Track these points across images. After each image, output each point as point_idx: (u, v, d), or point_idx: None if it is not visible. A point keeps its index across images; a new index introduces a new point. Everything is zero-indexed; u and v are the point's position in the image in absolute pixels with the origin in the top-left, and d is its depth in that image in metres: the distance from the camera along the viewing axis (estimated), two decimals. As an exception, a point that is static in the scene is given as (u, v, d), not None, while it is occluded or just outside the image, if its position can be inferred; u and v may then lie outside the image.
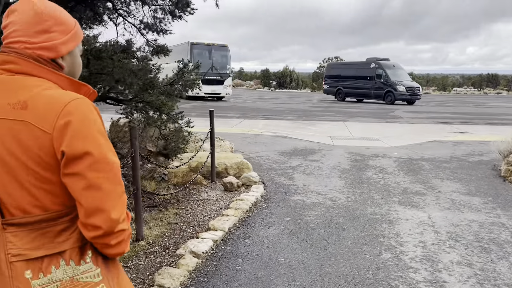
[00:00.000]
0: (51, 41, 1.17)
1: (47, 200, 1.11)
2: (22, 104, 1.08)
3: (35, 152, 1.07)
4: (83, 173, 1.08)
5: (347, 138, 11.17)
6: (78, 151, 1.07)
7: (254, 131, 11.94)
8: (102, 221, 1.10)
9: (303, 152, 8.69)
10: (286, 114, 17.98)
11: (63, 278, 1.10)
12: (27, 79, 1.12)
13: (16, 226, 1.09)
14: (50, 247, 1.10)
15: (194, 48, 25.26)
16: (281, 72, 59.56)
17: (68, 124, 1.07)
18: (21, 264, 1.07)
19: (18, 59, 1.13)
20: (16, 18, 1.15)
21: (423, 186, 6.06)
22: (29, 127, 1.07)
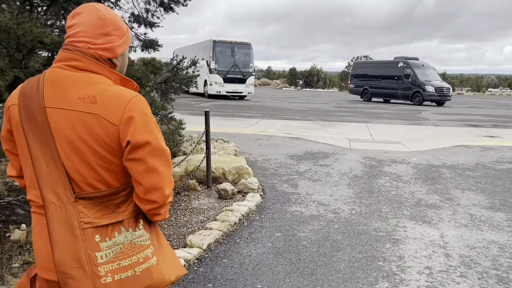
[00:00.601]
0: (111, 43, 1.37)
1: (109, 178, 1.33)
2: (91, 98, 1.28)
3: (103, 139, 1.28)
4: (144, 158, 1.30)
5: (366, 141, 10.55)
6: (141, 141, 1.29)
7: (269, 132, 11.47)
8: (158, 197, 1.35)
9: (315, 155, 8.16)
10: (307, 114, 17.41)
11: (124, 241, 1.32)
12: (89, 76, 1.31)
13: (86, 200, 1.30)
14: (112, 217, 1.32)
15: (217, 46, 24.96)
16: (308, 71, 58.77)
17: (132, 118, 1.29)
18: (91, 230, 1.27)
19: (82, 57, 1.31)
20: (81, 20, 1.33)
21: (440, 198, 5.46)
22: (99, 119, 1.27)
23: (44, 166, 1.28)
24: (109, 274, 1.28)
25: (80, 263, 1.26)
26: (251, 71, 25.74)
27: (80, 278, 1.25)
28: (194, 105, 20.58)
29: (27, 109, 1.31)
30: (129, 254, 1.33)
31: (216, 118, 14.68)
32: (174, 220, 4.39)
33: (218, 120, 14.19)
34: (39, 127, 1.29)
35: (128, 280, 1.32)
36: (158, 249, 1.43)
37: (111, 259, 1.30)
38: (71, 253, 1.25)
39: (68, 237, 1.26)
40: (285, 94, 37.37)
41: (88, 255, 1.27)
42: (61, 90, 1.30)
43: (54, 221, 1.27)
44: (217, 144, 7.06)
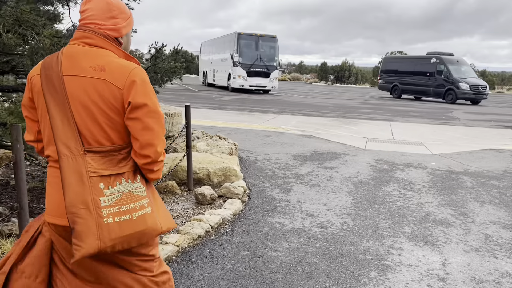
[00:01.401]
0: (117, 25, 1.66)
1: (114, 136, 1.59)
2: (101, 67, 1.56)
3: (110, 101, 1.56)
4: (141, 118, 1.57)
5: (386, 141, 9.74)
6: (139, 103, 1.56)
7: (281, 128, 10.81)
8: (152, 152, 1.59)
9: (323, 156, 7.47)
10: (328, 110, 16.62)
11: (124, 190, 1.57)
12: (99, 50, 1.60)
13: (93, 153, 1.56)
14: (115, 169, 1.57)
15: (241, 39, 24.38)
16: (340, 66, 57.41)
17: (133, 83, 1.57)
18: (96, 178, 1.52)
19: (94, 35, 1.61)
20: (93, 6, 1.63)
21: (452, 212, 4.70)
22: (107, 84, 1.55)
23: (60, 124, 1.53)
24: (110, 216, 1.50)
25: (87, 205, 1.48)
26: (276, 64, 25.03)
27: (86, 218, 1.47)
28: (215, 98, 20.12)
29: (48, 77, 1.56)
30: (127, 201, 1.55)
31: (231, 113, 14.15)
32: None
33: (233, 114, 13.65)
34: (57, 92, 1.55)
35: (126, 223, 1.53)
36: (153, 202, 1.64)
37: (112, 203, 1.52)
38: (79, 196, 1.48)
39: (77, 183, 1.49)
40: (313, 89, 36.45)
41: (93, 199, 1.49)
42: (75, 61, 1.56)
43: (66, 169, 1.50)
44: (211, 141, 6.48)
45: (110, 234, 1.50)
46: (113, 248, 1.52)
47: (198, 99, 19.40)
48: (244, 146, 7.95)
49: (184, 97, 19.98)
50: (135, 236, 1.55)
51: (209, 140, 6.43)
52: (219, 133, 9.36)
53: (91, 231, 1.47)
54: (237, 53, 24.25)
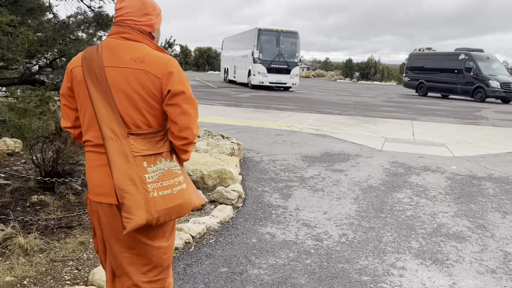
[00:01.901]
0: (150, 21, 1.81)
1: (151, 120, 1.74)
2: (140, 59, 1.70)
3: (150, 89, 1.71)
4: (180, 104, 1.72)
5: (405, 141, 9.19)
6: (178, 90, 1.71)
7: (295, 127, 10.38)
8: (188, 134, 1.76)
9: (333, 157, 7.02)
10: (349, 108, 16.05)
11: (164, 168, 1.73)
12: (136, 44, 1.75)
13: (135, 135, 1.71)
14: (154, 149, 1.73)
15: (262, 35, 23.95)
16: (365, 62, 56.28)
17: (171, 73, 1.72)
18: (140, 158, 1.68)
19: (131, 30, 1.76)
20: (128, 4, 1.78)
21: (469, 224, 4.20)
22: (147, 74, 1.70)
23: (103, 110, 1.69)
24: (155, 191, 1.69)
25: (133, 182, 1.65)
26: (297, 61, 24.50)
27: (134, 193, 1.65)
28: (233, 95, 19.80)
29: (89, 68, 1.72)
30: (168, 178, 1.73)
31: (247, 110, 13.79)
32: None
33: (248, 112, 13.28)
34: (99, 81, 1.71)
35: (168, 196, 1.71)
36: (186, 180, 1.83)
37: (155, 179, 1.70)
38: (126, 174, 1.65)
39: (124, 163, 1.66)
40: (336, 86, 35.73)
41: (139, 176, 1.67)
42: (116, 54, 1.73)
43: (112, 151, 1.67)
44: (212, 140, 6.12)
45: (156, 206, 1.67)
46: (158, 220, 1.69)
47: (215, 95, 19.11)
48: (251, 146, 7.57)
49: (202, 93, 19.72)
50: (175, 209, 1.74)
51: (210, 139, 6.07)
52: (229, 131, 9.03)
53: (139, 204, 1.64)
54: (257, 49, 23.84)
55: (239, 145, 6.42)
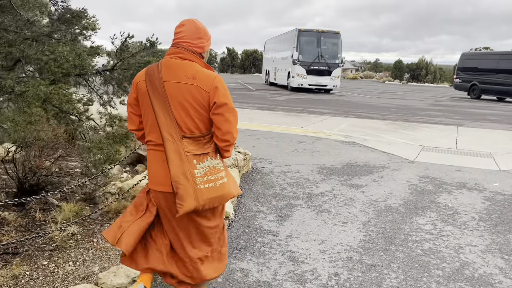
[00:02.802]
0: (202, 44, 2.20)
1: (201, 126, 2.13)
2: (192, 75, 2.08)
3: (200, 101, 2.09)
4: (223, 113, 2.10)
5: (445, 150, 8.19)
6: (222, 102, 2.09)
7: (323, 133, 9.60)
8: (230, 137, 2.15)
9: (355, 170, 6.23)
10: (390, 112, 14.99)
11: (210, 165, 2.11)
12: (189, 63, 2.12)
13: (187, 138, 2.09)
14: (202, 150, 2.12)
15: (301, 36, 23.17)
16: (416, 63, 53.88)
17: (217, 88, 2.09)
18: (191, 156, 2.07)
19: (185, 51, 2.14)
20: (185, 29, 2.18)
21: (503, 264, 3.33)
22: (198, 88, 2.08)
23: (163, 117, 2.07)
24: (202, 183, 2.06)
25: (185, 176, 2.04)
26: (338, 62, 23.49)
27: (186, 184, 2.03)
28: (269, 98, 19.18)
29: (151, 82, 2.11)
30: (212, 173, 2.11)
31: (278, 114, 13.13)
32: (54, 268, 2.97)
33: (279, 116, 12.61)
34: (159, 93, 2.09)
35: (212, 188, 2.10)
36: (227, 174, 2.22)
37: (203, 174, 2.07)
38: (180, 169, 2.04)
39: (178, 160, 2.04)
40: (383, 88, 34.23)
41: (190, 171, 2.05)
42: (173, 71, 2.11)
43: (170, 150, 2.05)
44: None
45: (202, 195, 2.06)
46: (203, 207, 2.09)
47: (251, 98, 18.57)
48: (266, 154, 6.91)
49: (238, 96, 19.25)
50: (217, 199, 2.13)
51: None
52: (248, 137, 8.43)
53: (189, 194, 2.03)
54: (297, 50, 23.07)
55: (246, 155, 5.79)
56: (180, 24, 2.21)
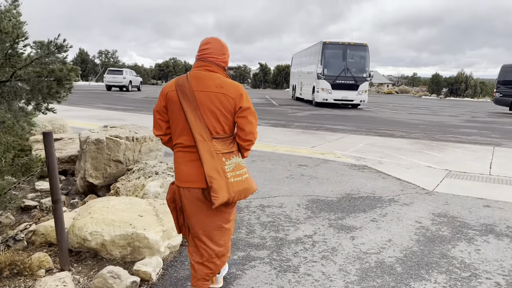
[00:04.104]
0: (225, 59, 2.53)
1: (227, 128, 2.44)
2: (220, 85, 2.40)
3: (227, 106, 2.40)
4: (247, 116, 2.44)
5: (475, 177, 6.85)
6: (246, 106, 2.43)
7: (333, 154, 8.41)
8: (252, 137, 2.48)
9: (354, 204, 5.04)
10: (417, 130, 13.56)
11: (236, 162, 2.43)
12: (215, 74, 2.44)
13: (216, 139, 2.39)
14: (228, 148, 2.43)
15: (326, 48, 22.06)
16: (454, 77, 51.34)
17: (241, 95, 2.43)
18: (220, 154, 2.37)
19: (212, 65, 2.46)
20: (211, 46, 2.49)
21: None
22: (225, 96, 2.39)
23: (194, 121, 2.36)
24: (232, 178, 2.37)
25: (217, 171, 2.33)
26: (366, 76, 22.15)
27: (218, 179, 2.33)
28: (290, 114, 18.11)
29: (183, 92, 2.40)
30: (239, 168, 2.42)
31: (291, 132, 12.02)
32: None
33: (291, 134, 11.50)
34: (190, 101, 2.38)
35: (241, 182, 2.42)
36: (248, 171, 2.51)
37: (231, 170, 2.38)
38: (212, 166, 2.33)
39: (210, 158, 2.34)
40: (417, 103, 32.44)
41: (221, 167, 2.35)
42: (202, 81, 2.41)
43: (202, 149, 2.34)
44: (172, 179, 4.47)
45: (234, 188, 2.38)
46: (234, 198, 2.41)
47: (269, 114, 17.55)
48: (250, 183, 5.81)
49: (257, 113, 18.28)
50: (244, 191, 2.45)
51: (168, 178, 4.44)
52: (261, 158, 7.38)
53: (222, 187, 2.34)
54: (321, 64, 21.94)
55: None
56: (206, 42, 2.52)
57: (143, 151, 5.17)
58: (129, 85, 34.55)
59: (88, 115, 14.54)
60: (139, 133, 5.19)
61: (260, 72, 78.59)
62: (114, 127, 5.24)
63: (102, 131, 5.11)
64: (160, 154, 5.49)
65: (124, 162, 4.96)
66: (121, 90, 35.01)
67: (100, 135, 4.85)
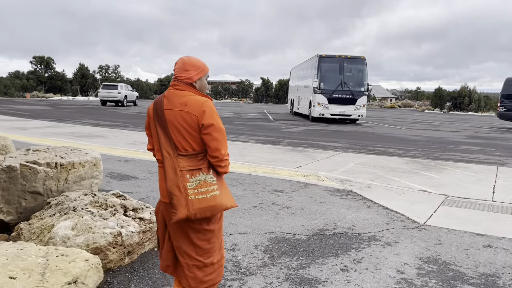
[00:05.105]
0: (189, 75, 2.51)
1: (194, 145, 2.42)
2: (185, 102, 2.41)
3: (191, 124, 2.39)
4: (211, 133, 2.39)
5: (475, 203, 5.94)
6: (209, 123, 2.38)
7: (316, 176, 7.51)
8: (218, 154, 2.42)
9: (326, 244, 4.12)
10: (416, 147, 12.65)
11: (201, 179, 2.39)
12: (183, 92, 2.47)
13: (182, 156, 2.40)
14: (196, 166, 2.41)
15: (322, 62, 21.29)
16: (458, 91, 50.43)
17: (204, 111, 2.39)
18: (185, 171, 2.38)
19: (179, 83, 2.50)
20: (177, 66, 2.55)
21: None
22: (188, 113, 2.39)
23: (163, 138, 2.43)
24: (193, 195, 2.36)
25: (179, 188, 2.36)
26: (364, 90, 21.32)
27: (179, 195, 2.36)
28: (283, 129, 17.26)
29: (156, 110, 2.49)
30: (203, 186, 2.39)
31: (279, 149, 11.13)
32: None
33: (278, 152, 10.61)
34: (161, 119, 2.45)
35: (203, 199, 2.38)
36: (221, 188, 2.47)
37: (194, 187, 2.36)
38: (174, 183, 2.37)
39: (173, 174, 2.38)
40: (419, 117, 31.53)
41: (183, 184, 2.36)
42: (170, 100, 2.46)
43: (167, 166, 2.41)
44: (88, 218, 3.53)
45: (193, 205, 2.36)
46: (195, 215, 2.38)
47: (261, 130, 16.70)
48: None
49: (249, 128, 17.47)
50: (208, 209, 2.40)
51: (86, 216, 3.54)
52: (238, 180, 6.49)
53: (182, 204, 2.35)
54: (317, 77, 21.15)
55: (142, 221, 3.80)
56: (176, 62, 2.60)
57: (72, 179, 4.29)
58: (124, 100, 33.88)
59: (68, 132, 13.74)
60: (67, 157, 4.31)
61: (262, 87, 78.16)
62: (37, 151, 4.37)
63: (22, 155, 4.24)
64: (96, 182, 4.61)
65: (44, 193, 4.08)
66: (117, 105, 34.36)
67: (13, 161, 3.98)
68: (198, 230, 2.50)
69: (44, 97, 51.06)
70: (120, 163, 8.12)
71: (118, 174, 7.11)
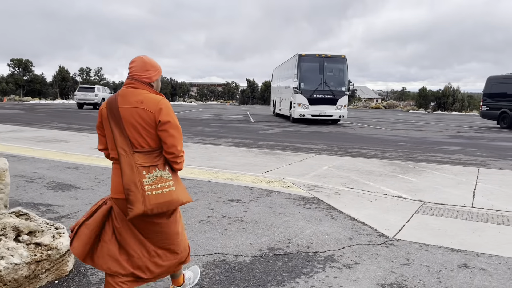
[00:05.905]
0: (149, 75, 2.56)
1: (151, 142, 2.45)
2: (141, 100, 2.44)
3: (147, 121, 2.42)
4: (167, 129, 2.44)
5: (453, 212, 5.34)
6: (165, 120, 2.43)
7: (283, 182, 6.85)
8: (174, 150, 2.47)
9: (273, 269, 3.44)
10: (396, 147, 12.08)
11: (157, 175, 2.43)
12: (139, 90, 2.50)
13: (138, 153, 2.42)
14: (152, 162, 2.44)
15: (302, 61, 20.68)
16: (442, 91, 50.33)
17: (161, 109, 2.44)
18: (141, 168, 2.40)
19: (136, 82, 2.52)
20: (135, 64, 2.56)
21: None
22: (145, 110, 2.42)
23: (118, 136, 2.44)
24: (150, 191, 2.39)
25: (135, 184, 2.37)
26: (344, 90, 20.75)
27: (135, 191, 2.37)
28: (261, 131, 16.59)
29: (110, 109, 2.48)
30: (160, 182, 2.43)
31: (251, 152, 10.45)
32: None
33: (249, 155, 9.93)
34: (116, 117, 2.45)
35: (159, 195, 2.42)
36: (176, 184, 2.51)
37: (151, 183, 2.40)
38: (131, 179, 2.38)
39: (130, 171, 2.39)
40: (403, 117, 31.14)
41: (139, 180, 2.38)
42: (125, 98, 2.48)
43: (123, 163, 2.41)
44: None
45: (150, 201, 2.39)
46: (152, 211, 2.41)
47: (238, 132, 16.01)
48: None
49: (226, 130, 16.76)
50: (165, 204, 2.45)
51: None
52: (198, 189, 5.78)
53: (138, 199, 2.38)
54: (297, 78, 20.53)
55: (53, 250, 3.08)
56: (132, 61, 2.61)
57: (-33, 194, 3.53)
58: (101, 103, 32.94)
59: (29, 137, 12.87)
60: None
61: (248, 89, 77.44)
62: None
63: None
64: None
65: None
66: (95, 108, 33.38)
67: None
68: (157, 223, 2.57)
69: (21, 101, 49.69)
70: (67, 171, 7.35)
71: (58, 183, 6.35)
